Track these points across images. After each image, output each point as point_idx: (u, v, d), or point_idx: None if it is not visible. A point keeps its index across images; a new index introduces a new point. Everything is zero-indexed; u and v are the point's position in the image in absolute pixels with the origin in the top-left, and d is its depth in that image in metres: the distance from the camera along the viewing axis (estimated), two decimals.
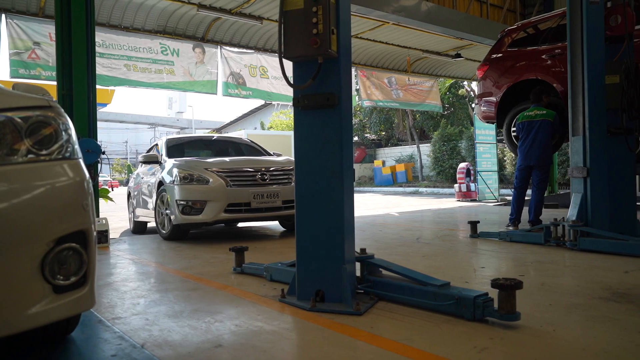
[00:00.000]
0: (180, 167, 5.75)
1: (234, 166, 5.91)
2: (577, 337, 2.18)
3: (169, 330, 2.40)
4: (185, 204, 5.51)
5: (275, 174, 5.92)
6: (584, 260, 4.08)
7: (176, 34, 9.77)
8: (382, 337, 2.24)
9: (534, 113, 5.95)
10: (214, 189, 5.55)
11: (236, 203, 5.59)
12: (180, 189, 5.57)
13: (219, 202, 5.52)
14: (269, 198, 5.72)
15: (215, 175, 5.64)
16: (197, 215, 5.51)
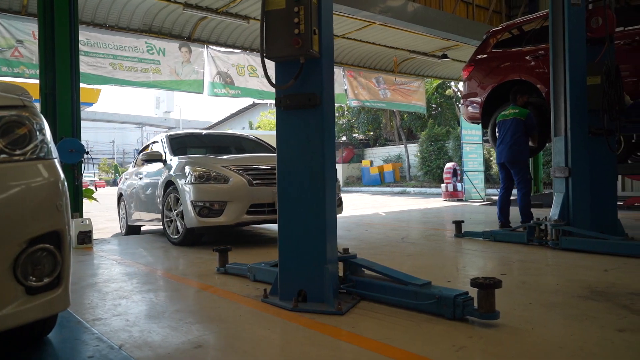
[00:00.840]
0: (193, 165, 5.24)
1: (255, 163, 5.41)
2: (554, 335, 2.20)
3: (149, 331, 2.39)
4: (202, 205, 4.99)
5: None
6: (565, 259, 4.13)
7: (162, 33, 9.71)
8: (363, 336, 2.25)
9: (508, 112, 6.02)
10: (236, 188, 5.05)
11: (259, 203, 5.10)
12: (196, 189, 5.03)
13: (241, 202, 5.02)
14: None
15: (235, 173, 5.15)
16: (217, 218, 4.99)
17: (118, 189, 7.76)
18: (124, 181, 7.41)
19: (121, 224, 7.51)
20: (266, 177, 5.21)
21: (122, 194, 7.38)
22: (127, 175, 7.39)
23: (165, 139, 6.43)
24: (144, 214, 6.38)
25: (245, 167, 5.27)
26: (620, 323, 2.33)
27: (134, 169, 7.14)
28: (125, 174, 7.64)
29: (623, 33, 5.62)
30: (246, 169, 5.24)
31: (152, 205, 6.08)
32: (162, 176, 5.74)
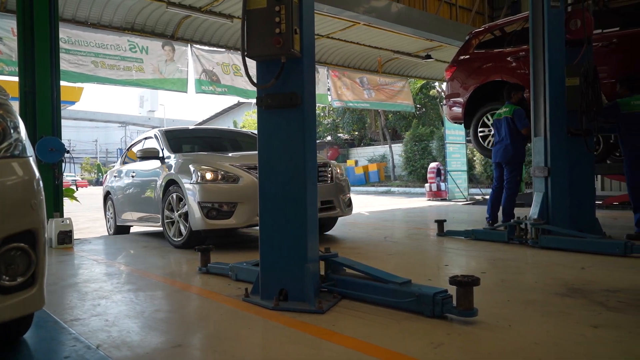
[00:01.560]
0: (199, 163, 4.93)
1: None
2: (531, 331, 2.24)
3: (128, 331, 2.37)
4: (210, 206, 4.69)
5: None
6: (543, 257, 4.19)
7: (145, 31, 9.63)
8: (343, 334, 2.26)
9: (502, 111, 6.07)
10: (246, 189, 4.73)
11: None
12: (204, 189, 4.72)
13: (252, 203, 4.65)
14: None
15: (245, 172, 4.85)
16: (226, 220, 4.70)
17: (104, 187, 7.40)
18: (112, 179, 7.07)
19: (108, 224, 7.22)
20: None
21: (109, 192, 7.05)
22: (115, 172, 7.03)
23: (161, 135, 6.05)
24: (137, 214, 6.09)
25: (255, 165, 4.86)
26: (594, 319, 2.38)
27: (123, 166, 6.83)
28: (113, 171, 7.27)
29: (601, 35, 5.73)
30: (256, 167, 5.08)
31: (147, 205, 5.78)
32: (161, 175, 5.44)
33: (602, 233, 4.94)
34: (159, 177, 5.48)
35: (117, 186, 6.75)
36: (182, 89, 10.01)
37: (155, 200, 5.52)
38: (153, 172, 5.70)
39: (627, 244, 4.07)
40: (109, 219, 7.17)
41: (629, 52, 5.47)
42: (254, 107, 17.16)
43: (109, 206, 7.14)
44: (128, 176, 6.40)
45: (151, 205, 5.67)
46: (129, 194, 6.34)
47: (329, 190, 5.30)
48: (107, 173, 7.73)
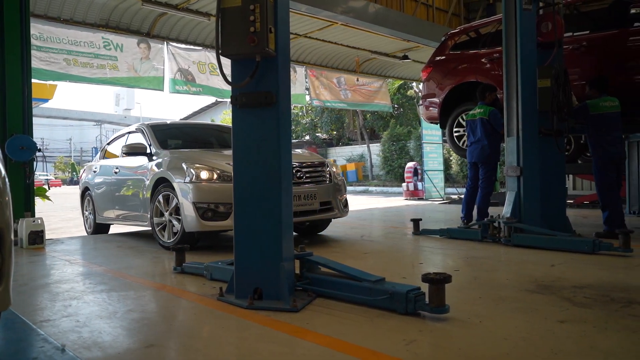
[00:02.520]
0: (193, 161, 4.71)
1: None
2: (500, 327, 2.29)
3: (99, 331, 2.34)
4: (206, 207, 4.49)
5: (310, 171, 5.06)
6: (515, 255, 4.28)
7: (120, 28, 9.48)
8: (316, 332, 2.27)
9: (476, 112, 6.15)
10: None
11: None
12: (199, 189, 4.52)
13: None
14: (305, 200, 4.82)
15: None
16: (223, 221, 4.52)
17: (82, 183, 7.04)
18: (91, 174, 6.75)
19: (87, 222, 6.91)
20: None
21: (88, 188, 6.71)
22: (95, 167, 6.69)
23: (148, 130, 5.72)
24: (121, 212, 5.83)
25: None
26: (562, 315, 2.44)
27: (103, 161, 6.56)
28: (91, 165, 6.95)
29: (572, 38, 5.86)
30: None
31: (133, 204, 5.52)
32: (149, 172, 5.19)
33: (572, 231, 5.06)
34: (146, 174, 5.25)
35: (98, 182, 6.45)
36: (159, 87, 9.90)
37: (143, 198, 5.28)
38: (139, 168, 5.45)
39: (595, 242, 4.18)
40: (87, 217, 6.88)
41: (599, 55, 5.61)
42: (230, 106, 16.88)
43: (87, 203, 6.83)
44: (110, 172, 6.11)
45: (137, 204, 5.42)
46: (111, 191, 6.04)
47: (328, 190, 5.13)
48: (84, 167, 7.37)
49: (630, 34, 5.38)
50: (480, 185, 6.18)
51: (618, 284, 3.06)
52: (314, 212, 4.97)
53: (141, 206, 5.32)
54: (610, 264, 3.75)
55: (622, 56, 5.43)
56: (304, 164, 5.04)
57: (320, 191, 4.99)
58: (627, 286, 3.01)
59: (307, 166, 5.05)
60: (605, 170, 5.21)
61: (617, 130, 5.20)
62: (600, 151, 5.22)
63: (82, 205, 7.07)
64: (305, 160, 5.12)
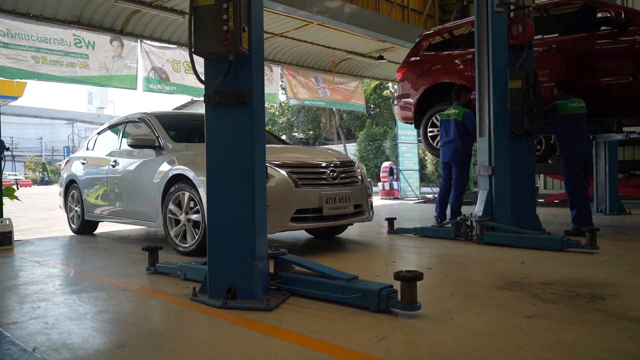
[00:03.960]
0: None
1: (299, 158, 4.53)
2: (470, 323, 2.33)
3: (69, 333, 2.30)
4: None
5: (343, 171, 4.67)
6: (487, 253, 4.36)
7: (92, 25, 9.29)
8: (289, 330, 2.28)
9: (450, 112, 6.24)
10: (279, 190, 4.11)
11: (304, 209, 4.24)
12: None
13: (284, 207, 4.12)
14: (341, 202, 4.44)
15: (277, 170, 4.22)
16: None
17: (66, 176, 6.55)
18: (77, 166, 6.27)
19: (72, 219, 6.49)
20: (314, 177, 4.39)
21: (74, 181, 6.25)
22: (84, 159, 6.20)
23: (153, 120, 5.22)
24: (120, 209, 5.36)
25: (287, 162, 4.34)
26: (529, 310, 2.51)
27: (96, 153, 6.11)
28: (78, 157, 6.46)
29: (542, 41, 6.00)
30: (289, 165, 4.33)
31: (137, 202, 5.08)
32: (161, 167, 4.71)
33: (542, 229, 5.18)
34: (156, 170, 4.77)
35: (88, 175, 5.96)
36: (131, 85, 9.74)
37: (150, 197, 4.81)
38: (146, 163, 5.00)
39: (563, 240, 4.29)
40: (72, 213, 6.43)
41: (568, 57, 5.75)
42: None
43: (73, 198, 6.36)
44: (105, 165, 5.63)
45: (142, 202, 4.97)
46: (107, 186, 5.54)
47: (361, 192, 4.74)
48: (68, 159, 6.92)
49: (597, 37, 5.54)
50: (453, 185, 6.27)
51: (583, 280, 3.15)
52: (346, 215, 4.57)
53: (147, 204, 4.89)
54: (577, 261, 3.86)
55: (590, 59, 5.58)
56: (338, 164, 4.66)
57: (354, 193, 4.61)
58: (591, 282, 3.10)
59: (341, 166, 4.67)
60: (573, 170, 5.35)
61: (584, 130, 5.34)
62: (568, 150, 5.35)
63: (65, 201, 6.62)
64: (338, 160, 4.74)
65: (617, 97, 5.42)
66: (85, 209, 6.06)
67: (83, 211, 6.14)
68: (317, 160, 4.56)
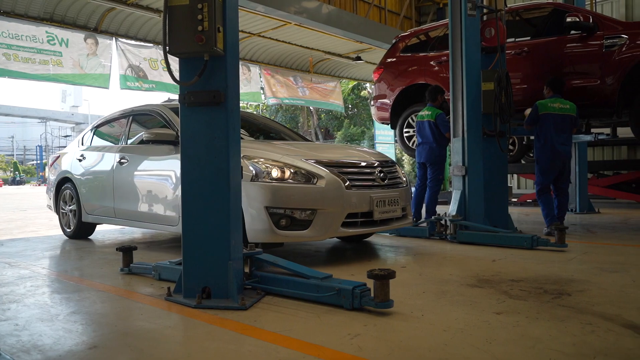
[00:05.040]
0: (258, 156, 3.87)
1: (346, 157, 4.19)
2: (440, 319, 2.39)
3: (40, 334, 2.28)
4: (282, 213, 3.67)
5: (389, 171, 4.36)
6: (460, 251, 4.45)
7: (65, 22, 9.14)
8: (264, 329, 2.30)
9: (424, 113, 6.32)
10: (329, 192, 3.76)
11: (354, 213, 3.90)
12: (273, 191, 3.67)
13: (335, 210, 3.77)
14: (390, 205, 4.13)
15: (325, 170, 3.84)
16: (302, 231, 3.71)
17: (57, 173, 6.02)
18: (73, 163, 5.77)
19: (65, 221, 5.92)
20: (362, 177, 4.06)
21: (69, 179, 5.76)
22: (81, 155, 5.69)
23: (169, 113, 4.74)
24: (131, 211, 4.86)
25: (335, 161, 4.01)
26: (498, 307, 2.58)
27: (97, 148, 5.61)
28: (73, 152, 5.93)
29: (515, 44, 6.13)
30: (337, 164, 4.00)
31: (154, 203, 4.60)
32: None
33: (514, 228, 5.30)
34: (177, 167, 4.22)
35: (88, 173, 5.49)
36: (104, 84, 9.60)
37: (171, 198, 4.36)
38: (164, 161, 4.53)
39: (533, 238, 4.40)
40: (65, 215, 5.89)
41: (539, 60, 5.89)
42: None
43: (65, 197, 5.85)
44: (110, 161, 5.16)
45: (160, 204, 4.53)
46: (113, 184, 5.07)
47: (407, 195, 4.47)
48: (58, 155, 6.35)
49: (567, 41, 5.69)
50: (428, 185, 6.35)
51: (551, 277, 3.25)
52: (393, 220, 4.25)
53: (166, 206, 4.45)
54: (546, 258, 3.97)
55: (560, 62, 5.73)
56: (385, 163, 4.37)
57: (401, 195, 4.31)
58: (559, 279, 3.20)
59: (386, 166, 4.37)
60: (545, 171, 5.42)
61: (564, 132, 5.29)
62: (538, 152, 5.43)
63: (56, 201, 6.05)
64: (382, 159, 4.44)
65: (586, 99, 5.57)
66: (83, 210, 5.53)
67: (80, 212, 5.59)
68: (365, 160, 4.24)
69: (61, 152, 6.45)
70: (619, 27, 5.44)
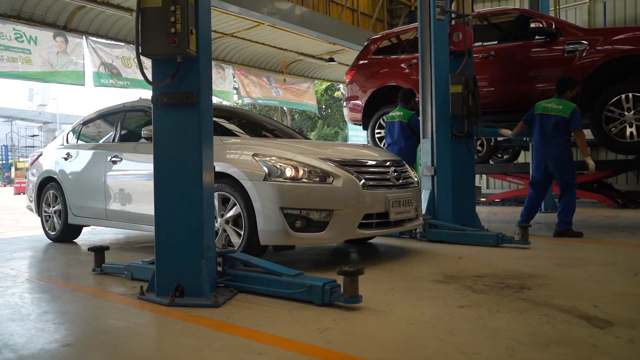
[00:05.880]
0: (270, 154, 3.70)
1: (360, 156, 4.08)
2: (407, 313, 2.49)
3: (11, 334, 2.29)
4: (298, 214, 3.50)
5: (402, 170, 4.23)
6: (429, 249, 4.58)
7: (33, 20, 8.97)
8: (236, 325, 2.36)
9: (395, 114, 6.46)
10: (347, 191, 3.61)
11: (369, 214, 3.74)
12: (288, 190, 3.50)
13: (351, 211, 3.62)
14: (404, 206, 4.00)
15: (340, 169, 3.69)
16: (318, 233, 3.55)
17: (41, 172, 5.71)
18: (59, 161, 5.48)
19: (48, 225, 5.63)
20: (377, 177, 3.92)
21: (51, 178, 5.51)
22: (67, 153, 5.42)
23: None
24: (125, 212, 4.66)
25: (348, 161, 3.86)
26: (462, 301, 2.69)
27: (82, 146, 5.40)
28: (56, 150, 5.66)
29: (482, 48, 6.32)
30: (351, 163, 3.84)
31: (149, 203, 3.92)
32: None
33: (481, 226, 5.47)
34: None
35: (75, 172, 5.24)
36: (78, 81, 9.46)
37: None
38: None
39: (498, 236, 4.57)
40: (48, 217, 5.62)
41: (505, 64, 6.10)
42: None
43: (49, 198, 5.59)
44: (102, 160, 4.92)
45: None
46: (105, 185, 4.85)
47: (419, 195, 4.39)
48: (40, 153, 6.09)
49: (532, 46, 5.90)
50: None
51: (513, 273, 3.39)
52: (405, 221, 4.09)
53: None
54: (509, 255, 4.13)
55: (525, 66, 5.94)
56: (398, 163, 4.24)
57: (414, 195, 4.19)
58: (520, 274, 3.34)
59: (400, 165, 4.26)
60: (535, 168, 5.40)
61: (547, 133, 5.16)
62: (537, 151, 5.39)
63: (38, 201, 5.75)
64: (392, 158, 4.32)
65: None
66: (70, 211, 5.25)
67: (66, 213, 5.31)
68: (377, 159, 4.10)
69: (43, 150, 6.19)
70: (580, 34, 5.68)
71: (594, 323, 2.26)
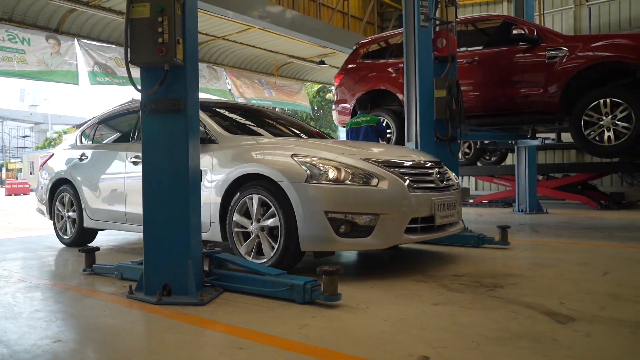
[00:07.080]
0: (311, 154, 3.51)
1: (398, 157, 3.83)
2: (384, 310, 2.62)
3: (4, 330, 2.40)
4: (343, 218, 3.31)
5: (444, 172, 4.07)
6: (412, 251, 4.71)
7: (25, 23, 9.02)
8: (221, 322, 2.48)
9: (360, 119, 6.63)
10: (392, 194, 3.42)
11: (415, 218, 3.53)
12: (333, 193, 3.32)
13: (398, 215, 3.42)
14: (449, 209, 3.82)
15: (386, 171, 3.50)
16: (364, 238, 3.35)
17: (52, 174, 5.51)
18: (73, 163, 5.29)
19: (61, 228, 5.44)
20: (422, 179, 3.72)
21: (66, 180, 5.32)
22: (79, 155, 5.25)
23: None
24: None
25: (391, 162, 3.66)
26: (437, 299, 2.83)
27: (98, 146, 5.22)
28: (69, 151, 5.47)
29: (467, 53, 6.48)
30: (394, 165, 3.65)
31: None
32: (215, 164, 3.86)
33: (466, 228, 5.60)
34: (209, 167, 3.87)
35: (91, 174, 5.04)
36: (73, 81, 9.50)
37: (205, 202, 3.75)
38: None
39: (479, 237, 4.71)
40: (63, 220, 5.42)
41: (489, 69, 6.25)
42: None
43: (62, 201, 5.40)
44: (122, 161, 4.73)
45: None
46: (125, 187, 4.66)
47: (459, 198, 4.16)
48: (51, 154, 5.87)
49: (515, 52, 6.06)
50: None
51: (489, 272, 3.53)
52: (446, 225, 3.87)
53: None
54: (488, 255, 4.27)
55: (508, 71, 6.10)
56: (438, 164, 4.06)
57: (457, 199, 4.01)
58: (496, 273, 3.49)
59: (441, 166, 4.08)
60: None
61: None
62: None
63: (50, 205, 5.56)
64: (433, 159, 4.13)
65: (531, 106, 5.95)
66: (86, 215, 5.08)
67: (81, 217, 5.14)
68: (419, 160, 3.89)
69: (54, 150, 6.01)
70: (560, 40, 5.84)
71: (556, 319, 2.40)
